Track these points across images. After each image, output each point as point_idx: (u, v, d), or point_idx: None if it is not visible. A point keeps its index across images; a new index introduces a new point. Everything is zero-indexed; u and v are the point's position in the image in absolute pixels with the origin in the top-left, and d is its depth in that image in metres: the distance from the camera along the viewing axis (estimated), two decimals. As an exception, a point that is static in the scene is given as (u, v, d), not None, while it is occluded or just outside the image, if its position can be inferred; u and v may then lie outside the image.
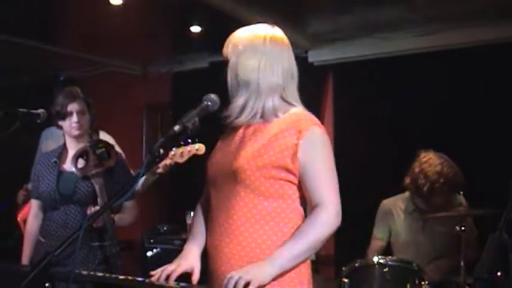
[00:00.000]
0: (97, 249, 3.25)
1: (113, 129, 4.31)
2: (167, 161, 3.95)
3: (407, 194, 3.99)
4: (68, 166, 3.36)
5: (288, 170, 2.09)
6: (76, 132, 3.37)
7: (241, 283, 1.90)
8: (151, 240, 5.38)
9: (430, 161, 3.77)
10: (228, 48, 2.20)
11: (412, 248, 3.88)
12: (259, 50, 2.17)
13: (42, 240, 3.37)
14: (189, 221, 4.95)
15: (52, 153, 3.48)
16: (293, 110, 2.19)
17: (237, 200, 2.11)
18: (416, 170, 3.80)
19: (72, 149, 3.39)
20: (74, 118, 3.32)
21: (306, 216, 2.17)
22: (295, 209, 2.16)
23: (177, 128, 1.97)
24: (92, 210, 3.16)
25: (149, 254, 5.33)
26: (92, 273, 2.45)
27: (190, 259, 2.25)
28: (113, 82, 6.64)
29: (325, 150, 2.15)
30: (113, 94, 6.41)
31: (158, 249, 5.32)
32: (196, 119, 2.02)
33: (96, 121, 3.51)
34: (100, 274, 2.46)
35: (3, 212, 4.42)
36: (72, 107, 3.32)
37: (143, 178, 3.86)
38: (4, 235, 4.54)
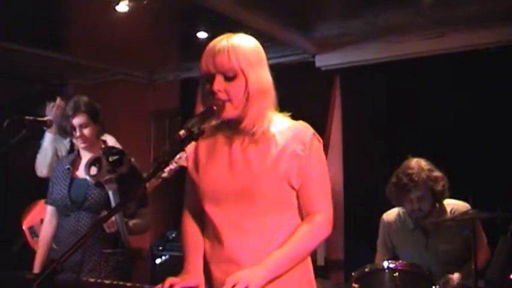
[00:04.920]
0: (109, 256, 3.24)
1: (121, 135, 4.30)
2: (172, 166, 3.95)
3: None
4: (81, 173, 3.37)
5: (297, 181, 2.11)
6: (81, 146, 3.41)
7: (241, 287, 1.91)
8: (160, 248, 5.38)
9: (404, 163, 3.75)
10: (239, 61, 2.05)
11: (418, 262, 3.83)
12: (265, 60, 2.16)
13: (55, 247, 3.39)
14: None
15: (66, 160, 3.50)
16: (280, 118, 2.17)
17: (250, 215, 2.08)
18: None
19: (86, 156, 3.41)
20: (77, 133, 3.34)
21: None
22: (296, 217, 2.17)
23: (182, 132, 1.95)
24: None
25: (158, 261, 5.33)
26: (98, 280, 2.44)
27: (195, 274, 2.21)
28: (120, 89, 6.66)
29: (323, 159, 2.19)
30: (121, 101, 6.41)
31: (167, 256, 5.32)
32: (202, 123, 2.01)
33: (104, 127, 3.50)
34: (107, 282, 2.44)
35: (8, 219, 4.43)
36: (75, 121, 3.34)
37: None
38: (8, 243, 4.55)
